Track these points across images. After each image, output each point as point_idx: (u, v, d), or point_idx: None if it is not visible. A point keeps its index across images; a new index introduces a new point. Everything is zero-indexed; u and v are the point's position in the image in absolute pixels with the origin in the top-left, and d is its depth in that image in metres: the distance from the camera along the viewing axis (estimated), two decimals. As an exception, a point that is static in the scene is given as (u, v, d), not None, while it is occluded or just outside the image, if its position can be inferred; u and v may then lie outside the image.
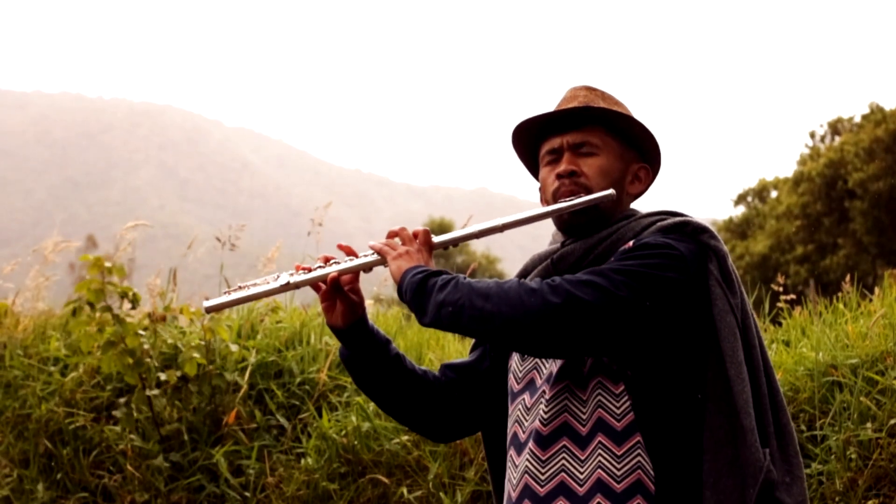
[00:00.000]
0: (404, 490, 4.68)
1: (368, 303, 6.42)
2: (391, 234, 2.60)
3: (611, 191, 2.50)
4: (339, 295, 2.63)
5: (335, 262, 2.61)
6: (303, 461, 4.95)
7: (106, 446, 5.41)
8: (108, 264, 5.24)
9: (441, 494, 4.59)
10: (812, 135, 34.93)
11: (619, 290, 2.27)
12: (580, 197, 2.50)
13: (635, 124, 2.59)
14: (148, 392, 5.24)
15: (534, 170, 2.74)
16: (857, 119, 32.82)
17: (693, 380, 2.34)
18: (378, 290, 6.80)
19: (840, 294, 5.04)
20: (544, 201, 2.63)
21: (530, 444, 2.44)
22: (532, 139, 2.68)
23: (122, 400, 5.42)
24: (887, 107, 30.33)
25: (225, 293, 2.57)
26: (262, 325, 5.85)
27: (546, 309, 2.26)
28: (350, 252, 2.64)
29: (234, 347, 5.37)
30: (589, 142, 2.56)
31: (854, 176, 28.13)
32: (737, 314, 2.36)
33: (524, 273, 2.64)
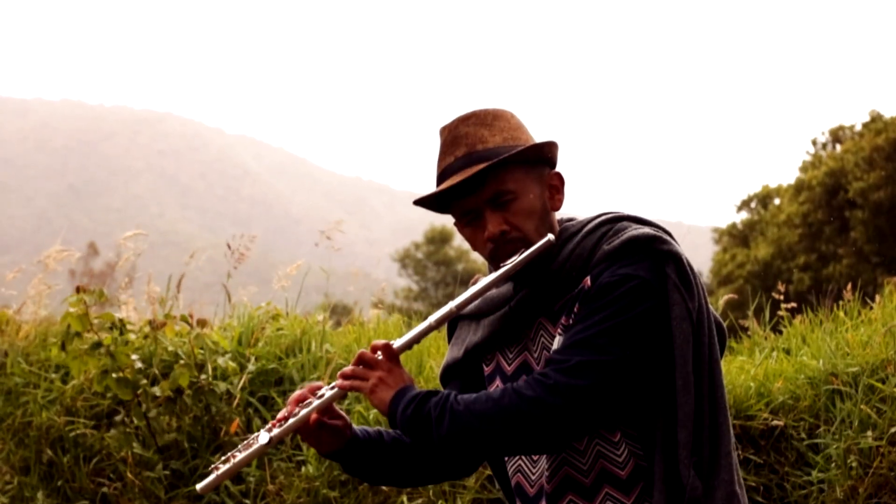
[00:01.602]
0: (405, 498, 4.68)
1: (373, 313, 6.43)
2: (355, 362, 2.48)
3: (548, 237, 2.40)
4: (323, 429, 2.55)
5: (308, 403, 2.51)
6: (303, 469, 4.95)
7: (106, 454, 5.41)
8: (87, 298, 5.24)
9: (441, 502, 4.60)
10: (814, 142, 34.94)
11: (609, 354, 2.26)
12: (522, 254, 2.41)
13: (528, 151, 2.45)
14: (143, 409, 5.25)
15: (440, 211, 2.61)
16: (858, 127, 32.85)
17: (659, 394, 2.34)
18: (377, 297, 6.80)
19: (841, 302, 5.05)
20: (481, 255, 2.54)
21: (543, 502, 2.45)
22: (437, 203, 2.55)
23: (118, 417, 5.41)
24: (887, 115, 30.39)
25: (213, 468, 2.51)
26: (262, 333, 5.85)
27: (552, 414, 2.25)
28: (306, 397, 2.52)
29: (221, 360, 5.36)
30: (499, 190, 2.43)
31: (854, 185, 28.15)
32: (692, 318, 2.33)
33: (477, 312, 2.58)
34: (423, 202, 2.55)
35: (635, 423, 2.35)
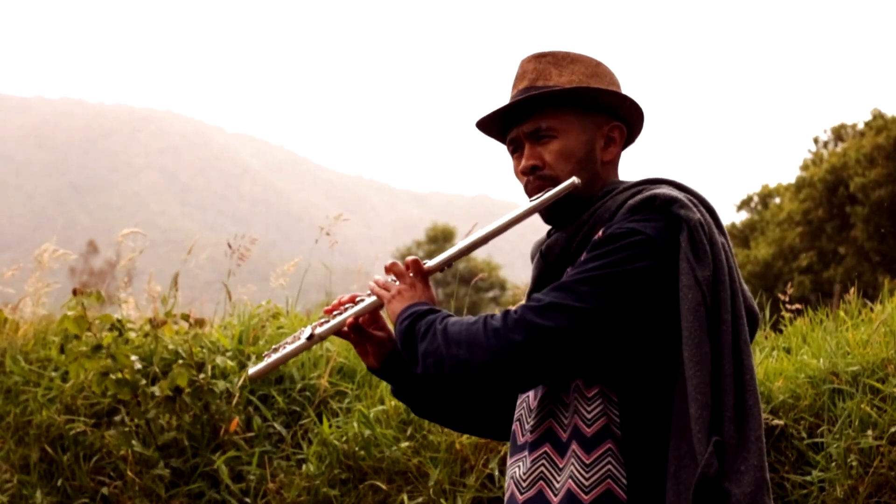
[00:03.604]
0: (405, 497, 4.68)
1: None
2: (386, 270, 2.55)
3: (572, 179, 2.37)
4: (365, 337, 2.64)
5: (350, 306, 2.62)
6: (303, 467, 4.95)
7: (106, 452, 5.41)
8: (85, 301, 5.25)
9: (442, 501, 4.60)
10: (815, 140, 34.96)
11: (585, 303, 2.17)
12: (546, 192, 2.40)
13: (587, 92, 2.43)
14: (142, 410, 5.25)
15: None
16: (860, 126, 32.86)
17: (664, 368, 2.24)
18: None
19: (841, 302, 5.04)
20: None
21: (526, 451, 2.39)
22: (498, 128, 2.57)
23: (118, 417, 5.41)
24: (889, 113, 30.38)
25: (265, 356, 2.67)
26: (262, 332, 5.85)
27: (511, 349, 2.18)
28: (348, 301, 2.64)
29: (220, 360, 5.36)
30: (542, 127, 2.43)
31: (856, 181, 28.16)
32: (704, 288, 2.21)
33: (531, 257, 2.56)
34: (482, 125, 2.57)
35: (618, 387, 2.24)
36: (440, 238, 45.82)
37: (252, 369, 2.69)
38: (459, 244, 2.52)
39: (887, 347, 4.33)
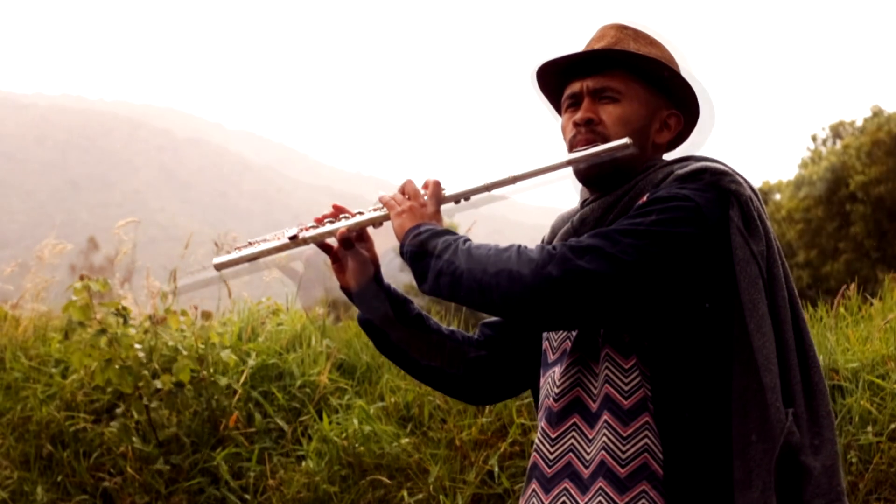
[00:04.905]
0: (405, 493, 4.68)
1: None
2: (400, 189, 2.43)
3: (625, 140, 2.30)
4: (350, 252, 2.50)
5: (344, 217, 2.47)
6: (303, 464, 4.95)
7: (106, 448, 5.41)
8: (92, 285, 5.22)
9: (442, 497, 4.60)
10: (814, 138, 34.92)
11: (626, 255, 2.09)
12: (594, 146, 2.33)
13: (664, 68, 2.39)
14: (145, 402, 5.25)
15: (558, 110, 2.55)
16: (859, 123, 32.84)
17: (715, 342, 2.16)
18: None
19: (841, 299, 5.04)
20: (566, 143, 2.46)
21: (542, 423, 2.32)
22: (556, 82, 2.49)
23: (118, 410, 5.41)
24: (889, 110, 30.37)
25: (235, 249, 2.47)
26: (262, 328, 5.86)
27: (544, 282, 2.09)
28: (343, 211, 2.50)
29: (224, 355, 5.35)
30: (609, 87, 2.37)
31: (855, 179, 28.15)
32: (760, 262, 2.18)
33: (552, 234, 2.49)
34: (542, 72, 2.48)
35: (651, 361, 2.18)
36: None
37: (218, 258, 2.49)
38: (485, 180, 2.40)
39: (887, 344, 4.34)
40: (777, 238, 2.30)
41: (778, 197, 35.06)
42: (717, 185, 2.23)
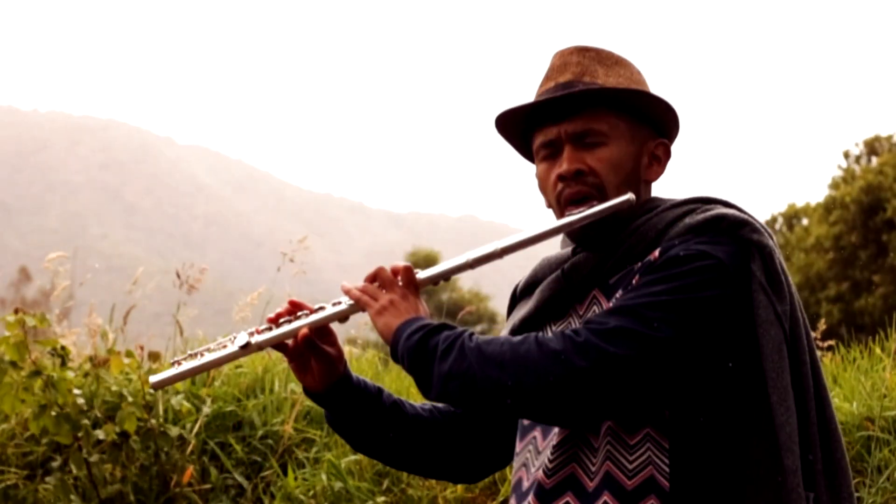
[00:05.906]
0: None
1: (346, 350, 6.43)
2: (369, 278, 2.40)
3: (628, 195, 2.30)
4: (313, 352, 2.47)
5: (303, 314, 2.44)
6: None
7: (40, 508, 5.39)
8: (29, 320, 5.19)
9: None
10: (846, 155, 35.11)
11: (657, 332, 2.11)
12: (592, 207, 2.31)
13: (644, 95, 2.38)
14: (85, 454, 5.22)
15: (527, 154, 2.54)
16: (897, 138, 33.03)
17: (734, 410, 2.18)
18: (356, 332, 6.80)
19: (877, 337, 5.05)
20: (547, 202, 2.45)
21: (530, 498, 2.30)
22: (521, 126, 2.47)
23: (55, 464, 5.39)
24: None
25: (174, 363, 2.45)
26: (219, 371, 5.85)
27: (574, 377, 2.10)
28: (301, 307, 2.47)
29: (176, 401, 5.34)
30: (592, 129, 2.35)
31: (893, 202, 28.27)
32: (784, 324, 2.19)
33: (533, 280, 2.51)
34: (503, 120, 2.47)
35: (672, 431, 2.18)
36: (422, 265, 45.60)
37: (155, 376, 2.45)
38: (467, 255, 2.38)
39: (929, 389, 4.35)
40: (805, 269, 2.32)
41: (805, 222, 35.17)
42: (735, 235, 2.25)
